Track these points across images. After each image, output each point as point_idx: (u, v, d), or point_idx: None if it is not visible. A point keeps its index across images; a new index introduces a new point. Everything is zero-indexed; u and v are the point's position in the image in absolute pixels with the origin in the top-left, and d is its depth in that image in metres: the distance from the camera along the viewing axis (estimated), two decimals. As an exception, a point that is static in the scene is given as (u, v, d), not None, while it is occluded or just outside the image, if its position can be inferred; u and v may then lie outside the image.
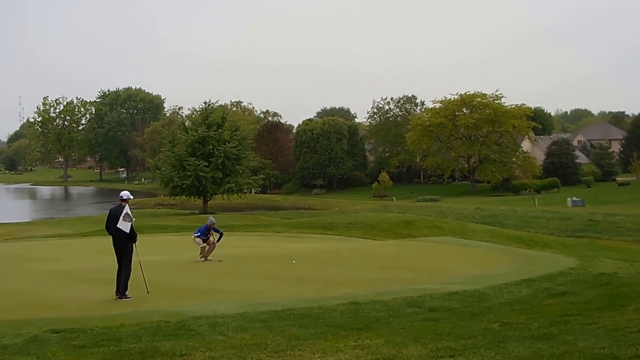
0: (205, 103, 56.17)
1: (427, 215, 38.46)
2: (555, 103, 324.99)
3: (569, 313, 8.03)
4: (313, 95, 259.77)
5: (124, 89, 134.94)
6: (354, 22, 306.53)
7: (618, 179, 71.29)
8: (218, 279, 13.05)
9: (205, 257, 16.08)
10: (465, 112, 75.22)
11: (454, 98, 75.80)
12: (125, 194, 11.13)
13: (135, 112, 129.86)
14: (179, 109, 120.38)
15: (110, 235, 11.05)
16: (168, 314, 8.99)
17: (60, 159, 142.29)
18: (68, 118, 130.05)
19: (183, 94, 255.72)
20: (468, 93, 75.26)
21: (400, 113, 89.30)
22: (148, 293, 11.02)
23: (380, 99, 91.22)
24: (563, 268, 13.95)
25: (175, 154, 50.66)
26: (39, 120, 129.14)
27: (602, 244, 28.60)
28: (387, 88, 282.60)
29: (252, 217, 45.14)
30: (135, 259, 11.02)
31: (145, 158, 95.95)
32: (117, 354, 6.61)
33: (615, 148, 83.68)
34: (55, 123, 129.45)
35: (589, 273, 13.07)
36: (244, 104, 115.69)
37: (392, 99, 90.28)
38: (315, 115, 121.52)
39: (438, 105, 77.31)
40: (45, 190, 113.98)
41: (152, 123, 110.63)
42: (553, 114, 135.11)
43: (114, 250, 11.03)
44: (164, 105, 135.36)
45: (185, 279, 13.13)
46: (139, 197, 76.34)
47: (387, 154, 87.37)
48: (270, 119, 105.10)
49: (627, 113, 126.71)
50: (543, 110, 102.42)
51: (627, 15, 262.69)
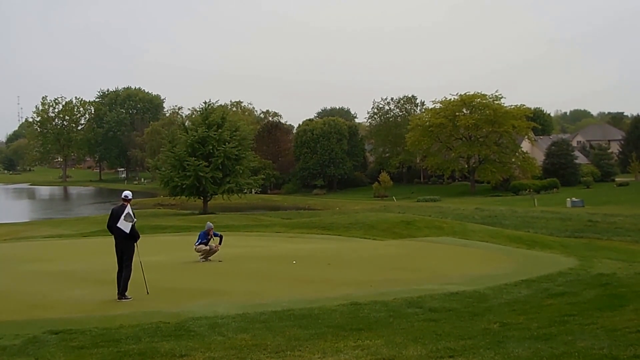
0: (205, 103, 56.10)
1: (427, 216, 38.44)
2: (555, 104, 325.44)
3: (568, 313, 8.04)
4: (313, 96, 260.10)
5: (124, 89, 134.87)
6: (354, 22, 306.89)
7: (617, 180, 71.37)
8: (218, 280, 13.03)
9: (206, 257, 16.07)
10: (465, 112, 75.26)
11: (454, 98, 75.89)
12: (126, 194, 11.14)
13: (135, 112, 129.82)
14: (179, 109, 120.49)
15: (113, 235, 11.03)
16: (167, 315, 8.98)
17: (59, 159, 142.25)
18: (67, 118, 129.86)
19: (184, 96, 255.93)
20: (468, 94, 75.36)
21: (401, 113, 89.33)
22: (148, 294, 11.01)
23: (381, 99, 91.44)
24: (562, 268, 13.96)
25: (175, 154, 50.58)
26: (38, 120, 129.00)
27: (601, 245, 28.59)
28: (388, 88, 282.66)
29: (252, 217, 45.11)
30: (136, 259, 11.00)
31: (145, 158, 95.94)
32: (116, 355, 6.60)
33: (614, 149, 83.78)
34: (54, 123, 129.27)
35: (588, 273, 13.08)
36: (244, 104, 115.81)
37: (392, 99, 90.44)
38: (316, 116, 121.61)
39: (438, 106, 77.36)
40: (44, 191, 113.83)
41: (151, 123, 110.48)
42: (552, 115, 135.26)
43: (116, 251, 10.99)
44: (164, 105, 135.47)
45: (185, 280, 13.11)
46: (139, 197, 76.31)
47: (387, 154, 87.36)
48: (271, 119, 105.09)
49: (626, 114, 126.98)
50: (542, 111, 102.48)
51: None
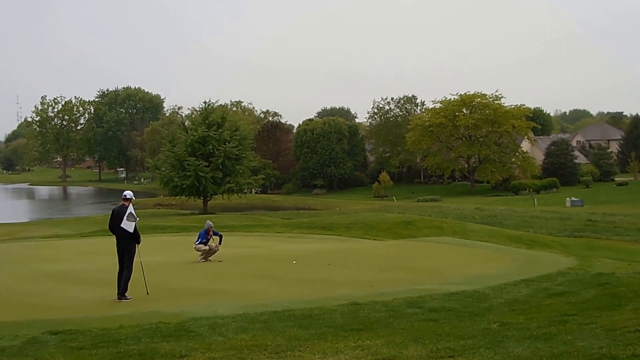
0: (205, 103, 56.12)
1: (427, 216, 38.44)
2: (555, 103, 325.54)
3: (568, 313, 8.04)
4: (313, 95, 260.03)
5: (123, 89, 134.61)
6: (355, 23, 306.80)
7: (616, 179, 71.41)
8: (218, 280, 13.04)
9: (206, 257, 16.05)
10: (465, 112, 75.26)
11: (454, 98, 75.88)
12: (129, 194, 11.11)
13: (135, 111, 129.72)
14: (179, 109, 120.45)
15: (114, 236, 11.02)
16: (167, 315, 8.97)
17: (59, 159, 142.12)
18: (66, 117, 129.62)
19: (185, 93, 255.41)
20: (468, 93, 75.37)
21: (401, 113, 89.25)
22: (148, 294, 11.01)
23: (381, 99, 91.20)
24: (562, 268, 13.98)
25: (175, 154, 50.54)
26: (37, 120, 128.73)
27: (600, 244, 28.60)
28: (389, 88, 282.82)
29: (252, 217, 45.11)
30: (136, 260, 11.01)
31: (145, 158, 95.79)
32: (116, 356, 6.60)
33: (614, 148, 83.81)
34: (54, 123, 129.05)
35: (588, 273, 13.10)
36: (244, 104, 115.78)
37: (392, 99, 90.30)
38: (316, 115, 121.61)
39: (438, 106, 77.37)
40: (44, 190, 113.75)
41: (151, 123, 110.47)
42: (552, 115, 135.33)
43: (117, 251, 10.96)
44: (164, 105, 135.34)
45: (185, 280, 13.11)
46: (139, 197, 75.90)
47: (387, 154, 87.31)
48: (271, 119, 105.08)
49: (625, 113, 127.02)
50: (542, 111, 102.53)
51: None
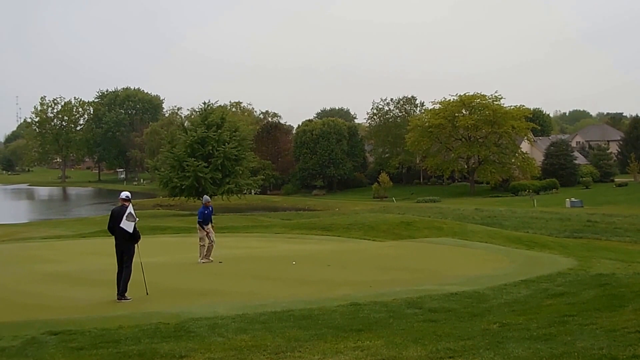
0: (205, 103, 56.22)
1: (426, 216, 38.42)
2: (554, 104, 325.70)
3: (568, 314, 8.03)
4: (313, 96, 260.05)
5: (123, 89, 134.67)
6: (353, 23, 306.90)
7: (616, 180, 71.46)
8: (217, 280, 13.03)
9: (207, 257, 16.00)
10: (465, 113, 75.28)
11: (454, 99, 75.91)
12: (125, 194, 11.13)
13: (134, 112, 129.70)
14: (178, 110, 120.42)
15: (113, 237, 11.03)
16: (167, 316, 8.97)
17: (58, 160, 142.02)
18: (66, 118, 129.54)
19: (182, 93, 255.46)
20: (467, 94, 75.39)
21: (400, 114, 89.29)
22: (147, 294, 11.01)
23: (380, 100, 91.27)
24: (562, 269, 13.97)
25: (175, 155, 50.53)
26: (37, 121, 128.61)
27: (600, 245, 28.62)
28: (388, 89, 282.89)
29: (251, 218, 45.08)
30: (137, 260, 11.00)
31: (144, 159, 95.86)
32: (115, 356, 6.59)
33: (613, 149, 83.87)
34: (53, 123, 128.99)
35: (588, 274, 13.09)
36: (244, 105, 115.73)
37: (391, 100, 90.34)
38: (315, 116, 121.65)
39: (437, 107, 77.41)
40: (43, 191, 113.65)
41: (150, 123, 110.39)
42: (552, 115, 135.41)
43: (116, 252, 10.99)
44: (163, 106, 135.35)
45: (185, 281, 13.10)
46: (138, 198, 76.22)
47: (386, 155, 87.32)
48: (270, 120, 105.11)
49: (624, 114, 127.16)
50: (542, 112, 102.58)
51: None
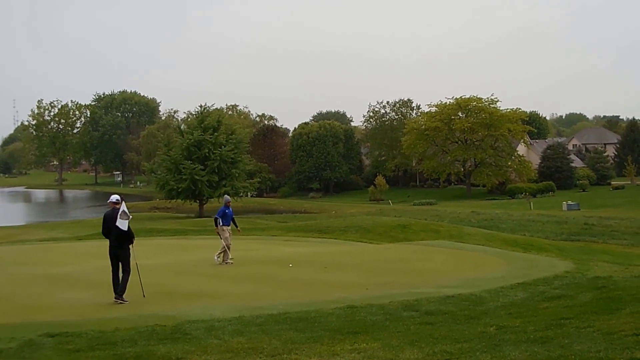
0: (201, 106, 56.29)
1: (423, 219, 38.44)
2: (551, 107, 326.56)
3: (565, 316, 8.04)
4: (310, 98, 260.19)
5: (119, 92, 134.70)
6: (351, 23, 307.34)
7: (613, 183, 71.64)
8: (214, 283, 13.01)
9: (225, 261, 15.86)
10: (461, 116, 75.42)
11: (450, 102, 76.07)
12: (115, 198, 11.14)
13: (131, 115, 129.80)
14: (174, 112, 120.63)
15: (107, 240, 11.04)
16: (164, 318, 8.96)
17: (55, 163, 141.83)
18: (63, 121, 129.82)
19: (179, 92, 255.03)
20: (464, 97, 75.53)
21: (396, 117, 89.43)
22: (144, 297, 10.99)
23: (376, 103, 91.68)
24: (559, 271, 13.98)
25: (171, 158, 50.47)
26: (34, 124, 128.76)
27: (597, 248, 28.67)
28: (384, 91, 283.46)
29: (248, 220, 44.93)
30: (132, 262, 11.02)
31: (141, 161, 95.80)
32: (112, 358, 6.58)
33: (610, 152, 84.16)
34: (50, 126, 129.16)
35: (585, 276, 13.10)
36: (240, 108, 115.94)
37: (388, 103, 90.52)
38: (311, 119, 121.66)
39: (434, 109, 77.51)
40: (40, 194, 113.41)
41: (147, 126, 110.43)
42: (548, 118, 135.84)
43: (109, 256, 11.01)
44: (159, 109, 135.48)
45: (181, 283, 13.08)
46: (135, 200, 76.16)
47: (383, 158, 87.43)
48: (266, 123, 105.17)
49: (621, 117, 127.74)
50: (538, 114, 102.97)
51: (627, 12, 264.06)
